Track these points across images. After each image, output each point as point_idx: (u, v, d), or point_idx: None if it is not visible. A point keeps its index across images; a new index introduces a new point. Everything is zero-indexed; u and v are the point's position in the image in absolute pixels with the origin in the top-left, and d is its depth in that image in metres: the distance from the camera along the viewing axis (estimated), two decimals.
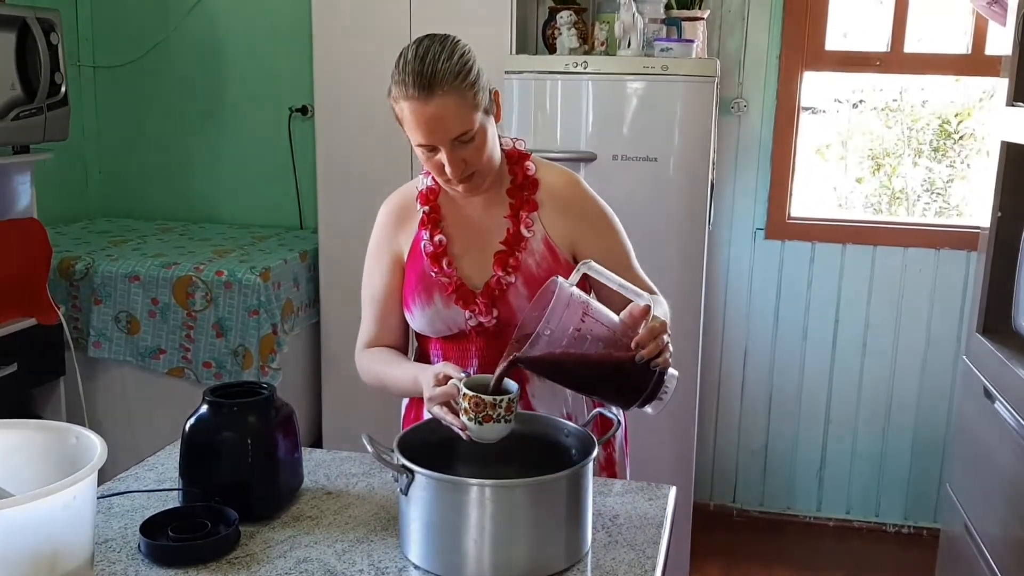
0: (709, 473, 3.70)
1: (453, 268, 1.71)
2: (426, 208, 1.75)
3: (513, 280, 1.69)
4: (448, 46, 1.57)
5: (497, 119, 1.67)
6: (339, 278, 3.28)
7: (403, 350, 1.82)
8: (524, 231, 1.71)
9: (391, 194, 1.84)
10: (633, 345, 1.40)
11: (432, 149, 1.59)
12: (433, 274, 1.71)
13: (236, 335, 3.05)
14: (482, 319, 1.69)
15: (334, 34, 3.18)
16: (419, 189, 1.77)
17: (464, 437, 1.44)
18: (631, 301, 1.45)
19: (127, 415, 3.20)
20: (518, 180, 1.73)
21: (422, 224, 1.75)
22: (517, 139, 1.78)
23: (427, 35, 1.60)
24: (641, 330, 1.40)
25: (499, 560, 1.34)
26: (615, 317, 1.43)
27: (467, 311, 1.70)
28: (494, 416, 1.41)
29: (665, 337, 1.42)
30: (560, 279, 1.41)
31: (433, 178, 1.74)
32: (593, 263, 1.47)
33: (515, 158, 1.75)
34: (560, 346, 1.37)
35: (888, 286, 3.46)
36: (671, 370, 1.44)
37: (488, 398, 1.40)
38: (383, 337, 1.80)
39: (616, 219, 1.79)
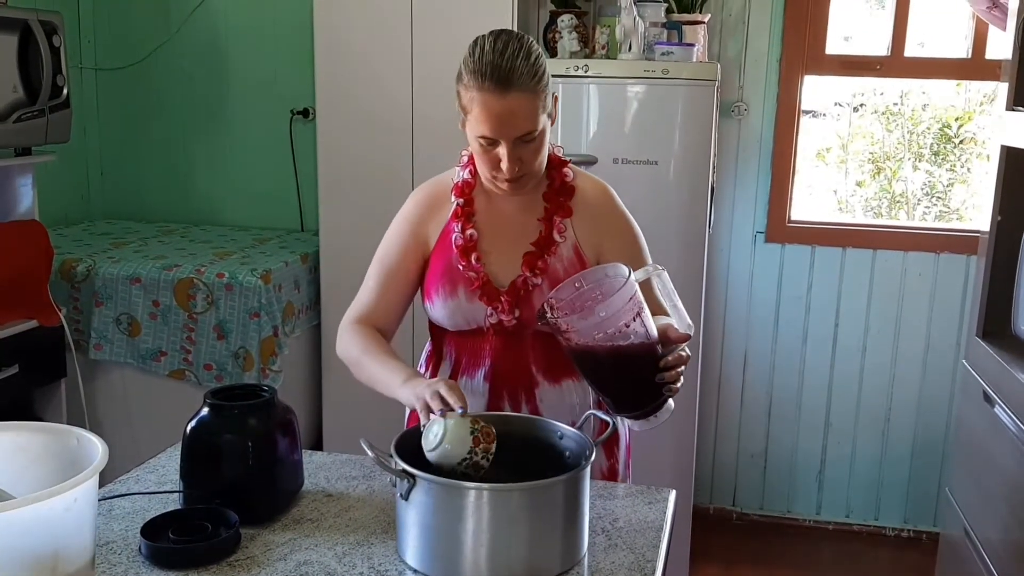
0: (709, 476, 3.70)
1: (481, 264, 1.71)
2: (461, 201, 1.75)
3: (539, 283, 1.69)
4: (526, 45, 1.59)
5: (552, 122, 1.68)
6: (340, 281, 3.28)
7: (390, 334, 1.79)
8: (556, 235, 1.72)
9: (425, 182, 1.84)
10: (662, 364, 1.44)
11: (492, 143, 1.60)
12: (460, 267, 1.72)
13: (237, 337, 3.05)
14: (503, 317, 1.70)
15: (335, 37, 3.18)
16: (455, 181, 1.77)
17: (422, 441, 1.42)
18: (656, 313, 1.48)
19: (128, 417, 3.20)
20: (555, 185, 1.75)
21: (455, 216, 1.75)
22: (556, 145, 1.79)
23: (503, 30, 1.63)
24: (672, 354, 1.45)
25: (496, 563, 1.34)
26: (655, 331, 1.45)
27: (490, 308, 1.70)
28: (463, 453, 1.39)
29: (683, 368, 1.46)
30: (634, 275, 1.42)
31: (470, 172, 1.75)
32: (666, 274, 1.48)
33: (555, 163, 1.76)
34: (603, 331, 1.40)
35: (888, 290, 3.46)
36: (671, 401, 1.49)
37: (475, 433, 1.39)
38: (378, 312, 1.77)
39: (642, 236, 1.80)
